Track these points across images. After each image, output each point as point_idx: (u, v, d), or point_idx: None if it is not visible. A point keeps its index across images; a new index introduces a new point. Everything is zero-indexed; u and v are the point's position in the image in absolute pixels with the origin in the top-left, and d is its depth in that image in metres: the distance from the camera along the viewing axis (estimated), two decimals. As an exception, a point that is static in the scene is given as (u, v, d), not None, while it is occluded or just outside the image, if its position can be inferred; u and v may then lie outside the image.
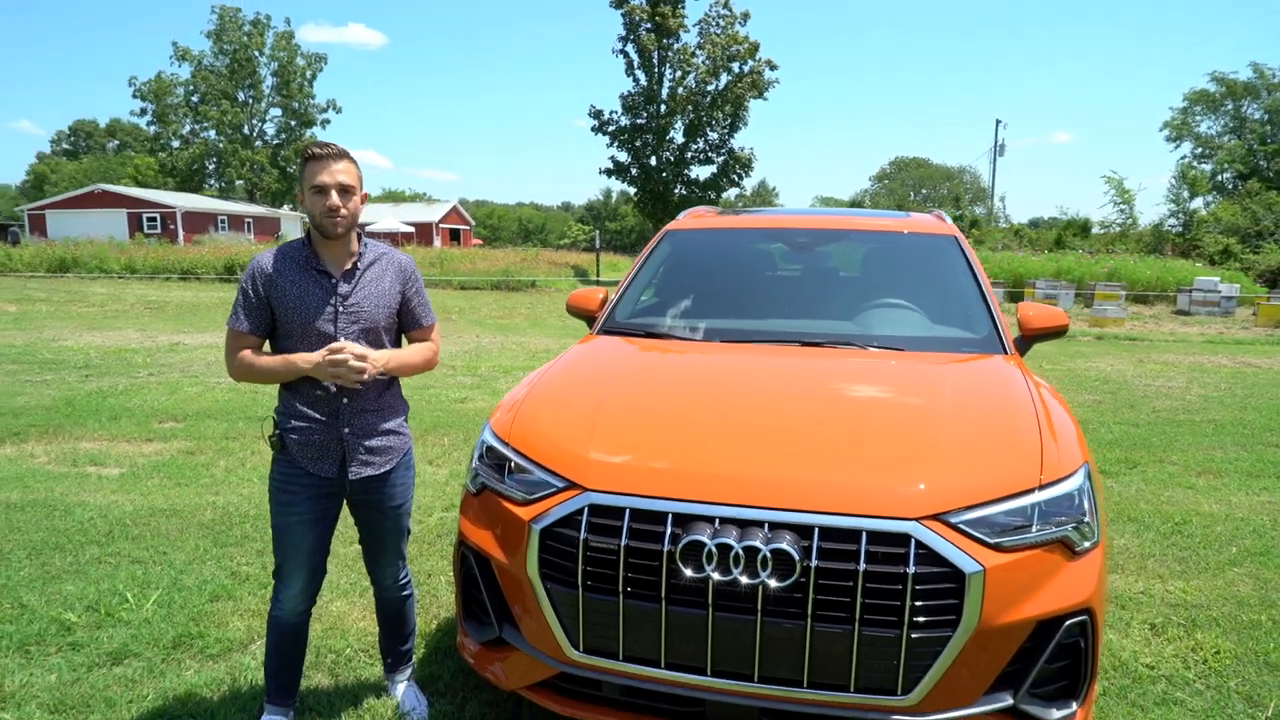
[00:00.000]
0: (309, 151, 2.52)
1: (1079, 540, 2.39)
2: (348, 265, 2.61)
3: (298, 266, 2.57)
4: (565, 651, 2.45)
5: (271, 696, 2.80)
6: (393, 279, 2.68)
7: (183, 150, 54.71)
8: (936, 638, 2.21)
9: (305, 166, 2.52)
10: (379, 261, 2.68)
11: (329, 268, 2.59)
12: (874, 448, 2.54)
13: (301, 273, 2.57)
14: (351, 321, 2.58)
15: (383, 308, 2.64)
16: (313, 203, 2.51)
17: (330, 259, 2.60)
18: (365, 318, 2.60)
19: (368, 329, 2.60)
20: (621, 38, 33.57)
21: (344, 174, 2.51)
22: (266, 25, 55.90)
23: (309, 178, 2.50)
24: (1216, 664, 3.31)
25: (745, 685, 2.31)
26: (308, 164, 2.51)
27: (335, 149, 2.52)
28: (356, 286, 2.60)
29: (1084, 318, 17.99)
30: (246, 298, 2.56)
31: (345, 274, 2.60)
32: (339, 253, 2.60)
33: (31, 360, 10.37)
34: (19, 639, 3.36)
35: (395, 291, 2.68)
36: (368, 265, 2.65)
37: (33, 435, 6.63)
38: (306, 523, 2.62)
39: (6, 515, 4.73)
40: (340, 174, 2.51)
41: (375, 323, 2.61)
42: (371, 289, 2.63)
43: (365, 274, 2.63)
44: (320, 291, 2.56)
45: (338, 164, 2.51)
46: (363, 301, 2.60)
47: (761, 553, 2.22)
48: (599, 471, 2.48)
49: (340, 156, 2.52)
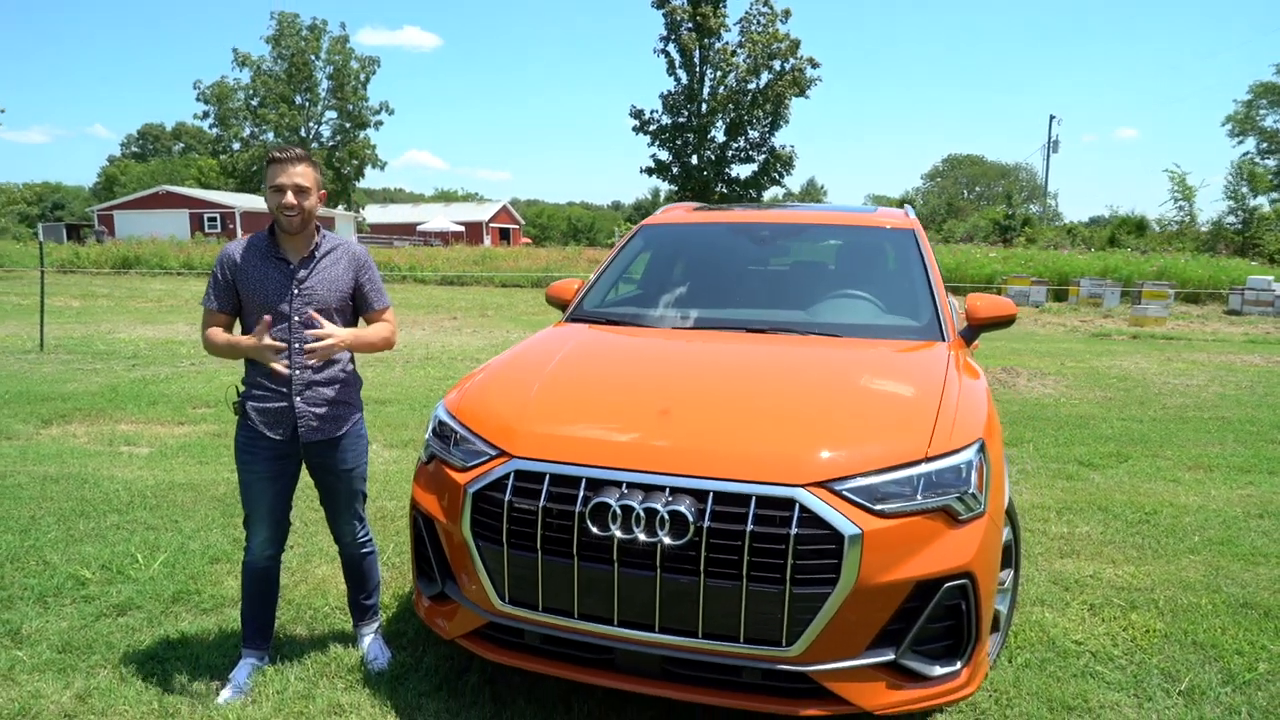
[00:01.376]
0: (271, 155, 2.82)
1: (962, 510, 2.56)
2: (305, 253, 2.91)
3: (260, 255, 2.89)
4: (493, 603, 2.71)
5: (247, 641, 3.12)
6: (346, 266, 2.97)
7: (242, 152, 56.49)
8: (817, 594, 2.41)
9: (267, 168, 2.83)
10: (334, 251, 2.98)
11: (288, 255, 2.89)
12: (773, 421, 2.75)
13: (263, 260, 2.88)
14: (305, 303, 2.87)
15: (335, 291, 2.93)
16: (272, 200, 2.81)
17: (289, 248, 2.90)
18: (317, 299, 2.89)
19: (320, 310, 2.89)
20: (663, 37, 33.85)
21: (300, 176, 2.80)
22: (323, 30, 57.43)
23: (269, 178, 2.81)
24: (1144, 642, 3.43)
25: (648, 635, 2.54)
26: (269, 166, 2.82)
27: (294, 153, 2.81)
28: (312, 272, 2.90)
29: (1124, 316, 17.68)
30: (216, 281, 2.89)
31: (302, 261, 2.90)
32: (298, 244, 2.90)
33: (86, 351, 11.03)
34: (39, 591, 3.75)
35: (349, 278, 2.97)
36: (324, 254, 2.95)
37: (77, 418, 7.14)
38: (266, 479, 2.94)
39: (42, 486, 5.17)
40: (297, 176, 2.80)
41: (327, 304, 2.91)
42: (325, 274, 2.92)
43: (321, 261, 2.93)
44: (280, 276, 2.87)
45: (295, 167, 2.80)
46: (316, 285, 2.90)
47: (660, 514, 2.45)
48: (525, 441, 2.74)
49: (299, 160, 2.81)
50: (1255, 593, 3.86)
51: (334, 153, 58.70)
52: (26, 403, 7.61)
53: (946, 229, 51.54)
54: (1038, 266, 25.13)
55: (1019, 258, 27.24)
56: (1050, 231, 45.18)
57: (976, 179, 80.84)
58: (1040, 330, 15.89)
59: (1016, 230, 44.67)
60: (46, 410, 7.32)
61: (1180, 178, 36.11)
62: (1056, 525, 4.70)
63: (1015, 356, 11.45)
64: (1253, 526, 4.69)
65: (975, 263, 25.75)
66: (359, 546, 3.23)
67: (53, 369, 9.59)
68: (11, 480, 5.29)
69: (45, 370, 9.50)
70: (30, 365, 9.86)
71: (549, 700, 2.97)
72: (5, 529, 4.45)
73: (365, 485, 3.19)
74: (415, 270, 28.17)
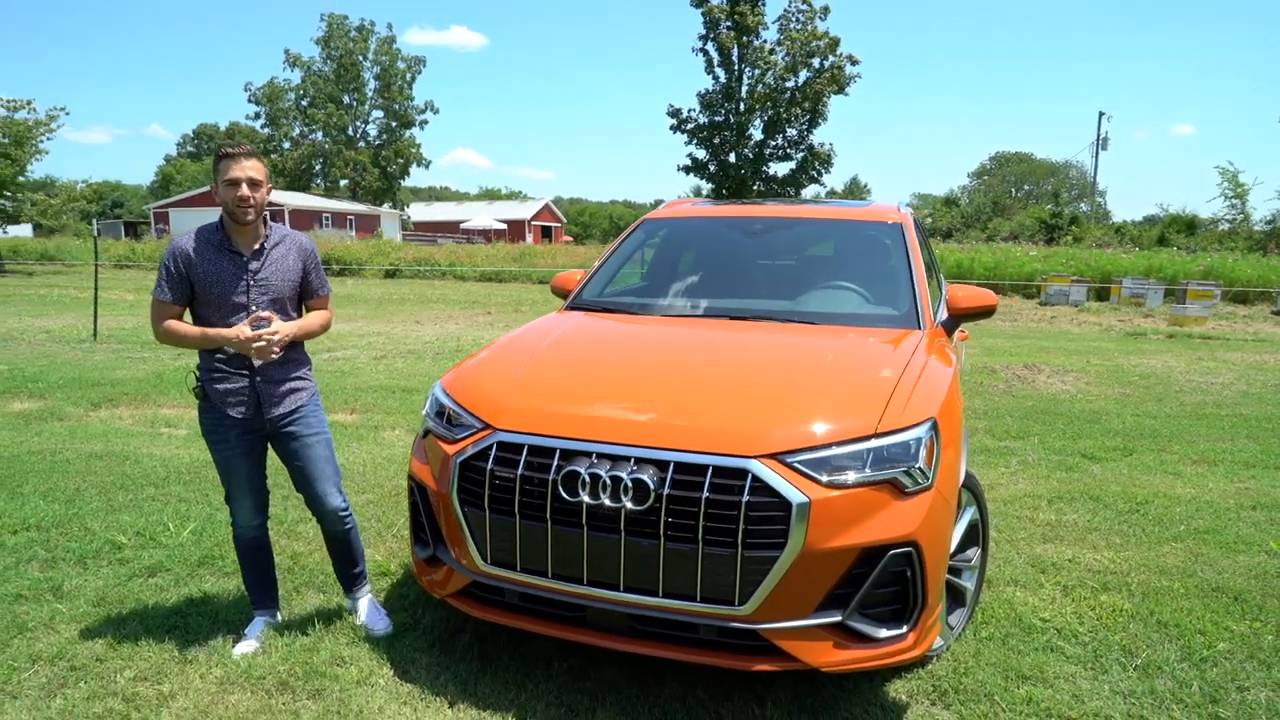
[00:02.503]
0: (222, 151, 2.96)
1: (909, 483, 2.73)
2: (256, 245, 3.07)
3: (212, 248, 3.04)
4: (476, 563, 2.95)
5: (256, 603, 3.40)
6: (295, 257, 3.16)
7: (292, 151, 57.88)
8: (767, 557, 2.61)
9: (219, 164, 2.96)
10: (283, 242, 3.15)
11: (240, 248, 3.05)
12: (735, 399, 2.95)
13: (216, 253, 3.03)
14: (262, 294, 3.06)
15: (288, 282, 3.12)
16: (226, 194, 2.96)
17: (241, 241, 3.06)
18: (274, 290, 3.08)
19: (275, 299, 3.09)
20: (701, 36, 33.94)
21: (253, 170, 2.96)
22: (371, 31, 58.54)
23: (222, 173, 2.94)
24: (1109, 620, 3.55)
25: (614, 594, 2.76)
26: (221, 161, 2.95)
27: (245, 149, 2.97)
28: (265, 264, 3.08)
29: (1165, 316, 17.40)
30: (169, 273, 3.01)
31: (254, 253, 3.07)
32: (248, 236, 3.06)
33: (136, 341, 11.58)
34: (80, 554, 4.09)
35: (298, 268, 3.16)
36: (274, 245, 3.11)
37: (123, 401, 7.58)
38: (239, 455, 3.15)
39: (88, 462, 5.56)
40: (250, 170, 2.95)
41: (282, 294, 3.10)
42: (278, 265, 3.10)
43: (272, 253, 3.10)
44: (233, 269, 3.03)
45: (247, 161, 2.96)
46: (271, 276, 3.08)
47: (624, 482, 2.67)
48: (508, 415, 2.97)
49: (250, 155, 2.97)
50: (1231, 578, 3.95)
51: (380, 151, 59.80)
52: (79, 388, 8.09)
53: (992, 227, 50.80)
54: (1079, 265, 24.76)
55: (1060, 256, 26.85)
56: (1098, 230, 44.27)
57: (1025, 177, 79.35)
58: (1074, 329, 15.74)
59: (1063, 229, 43.91)
60: (96, 394, 7.78)
61: (1232, 175, 35.19)
62: (1045, 513, 4.81)
63: (1042, 354, 11.42)
64: (1243, 517, 4.75)
65: (1015, 261, 25.48)
66: (341, 522, 3.35)
67: (104, 357, 10.12)
68: (60, 456, 5.69)
69: (97, 358, 10.03)
70: (84, 354, 10.42)
71: (532, 658, 3.21)
72: (52, 499, 4.83)
73: (334, 453, 3.35)
74: (455, 267, 28.71)
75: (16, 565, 3.96)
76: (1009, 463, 5.86)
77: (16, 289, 21.41)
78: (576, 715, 2.88)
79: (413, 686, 3.03)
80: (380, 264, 29.39)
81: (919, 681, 3.09)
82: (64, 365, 9.47)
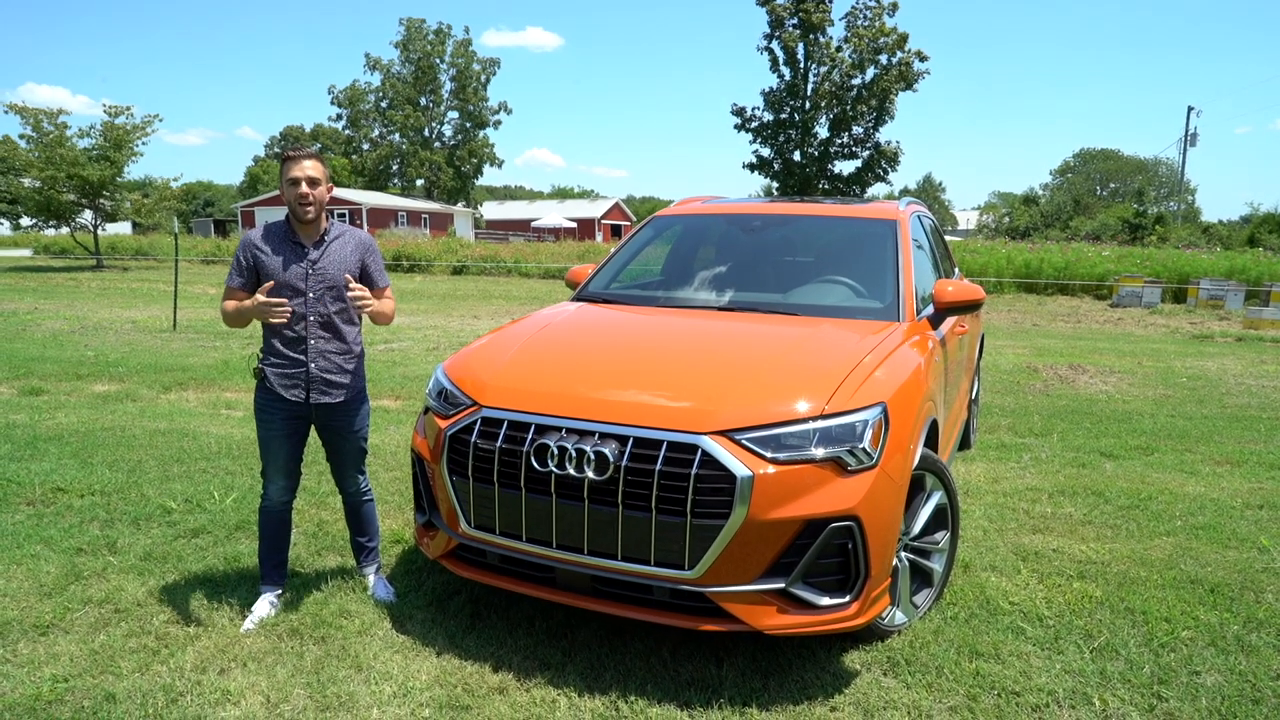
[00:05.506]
0: (285, 154, 3.36)
1: (853, 461, 2.92)
2: (316, 238, 3.46)
3: (279, 239, 3.43)
4: (462, 528, 3.26)
5: (265, 578, 3.68)
6: (353, 249, 3.51)
7: (371, 152, 59.88)
8: (714, 525, 2.84)
9: (283, 165, 3.36)
10: (343, 236, 3.51)
11: (302, 240, 3.44)
12: (695, 380, 3.19)
13: (281, 244, 3.42)
14: (319, 280, 3.43)
15: (343, 270, 3.47)
16: (288, 191, 3.35)
17: (304, 235, 3.43)
18: (329, 277, 3.44)
19: (331, 286, 3.45)
20: (766, 34, 33.91)
21: (312, 169, 3.34)
22: (447, 34, 60.16)
23: (285, 173, 3.34)
24: (1076, 605, 3.65)
25: (579, 557, 3.03)
26: (285, 163, 3.35)
27: (306, 150, 3.36)
28: (324, 254, 3.45)
29: (1240, 319, 16.76)
30: (239, 262, 3.40)
31: (315, 244, 3.45)
32: (311, 231, 3.43)
33: (210, 331, 12.35)
34: (133, 516, 4.56)
35: (355, 259, 3.50)
36: (333, 239, 3.48)
37: (191, 385, 8.20)
38: (281, 437, 3.51)
39: (152, 438, 6.11)
40: (309, 170, 3.33)
41: (337, 282, 3.45)
42: (335, 256, 3.46)
43: (331, 245, 3.47)
44: (295, 258, 3.41)
45: (307, 162, 3.33)
46: (328, 266, 3.44)
47: (587, 454, 2.94)
48: (492, 393, 3.27)
49: (309, 156, 3.36)
50: (1212, 571, 3.98)
51: (455, 152, 61.37)
52: (153, 373, 8.76)
53: (1073, 226, 49.23)
54: (1155, 266, 23.90)
55: (1135, 256, 25.97)
56: (1184, 230, 42.55)
57: (1111, 174, 76.54)
58: (1139, 331, 15.32)
59: (1148, 229, 42.29)
60: (168, 379, 8.43)
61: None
62: (1043, 506, 4.88)
63: (1093, 355, 11.24)
64: (1246, 516, 4.73)
65: (1087, 261, 24.76)
66: (360, 496, 3.76)
67: (180, 346, 10.87)
68: (128, 432, 6.25)
69: (173, 346, 10.78)
70: (162, 342, 11.19)
71: (517, 619, 3.51)
72: (117, 469, 5.35)
73: (367, 444, 3.73)
74: (519, 264, 29.37)
75: (80, 524, 4.45)
76: (1021, 458, 5.90)
77: (112, 283, 22.90)
78: (549, 669, 3.15)
79: (406, 638, 3.35)
80: (449, 261, 30.25)
81: (874, 653, 3.27)
82: (143, 352, 10.22)
